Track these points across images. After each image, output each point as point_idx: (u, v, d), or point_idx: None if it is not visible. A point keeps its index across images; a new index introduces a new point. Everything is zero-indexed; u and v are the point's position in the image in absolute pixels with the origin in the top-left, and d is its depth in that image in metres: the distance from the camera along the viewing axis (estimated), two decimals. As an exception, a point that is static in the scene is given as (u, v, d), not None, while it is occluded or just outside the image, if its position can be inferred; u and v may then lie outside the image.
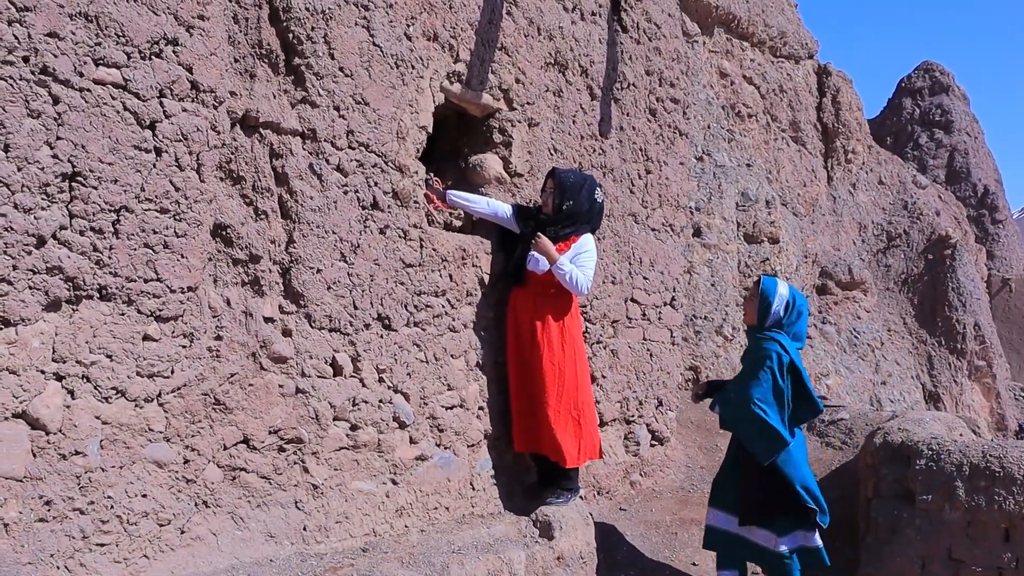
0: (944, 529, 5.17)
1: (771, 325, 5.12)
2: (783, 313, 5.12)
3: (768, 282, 5.20)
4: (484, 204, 5.39)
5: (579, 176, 5.50)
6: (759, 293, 5.18)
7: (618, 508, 6.31)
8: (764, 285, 5.18)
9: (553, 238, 5.34)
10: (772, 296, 5.13)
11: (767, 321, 5.13)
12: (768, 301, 5.13)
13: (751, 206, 11.89)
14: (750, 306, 5.28)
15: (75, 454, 3.43)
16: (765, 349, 5.00)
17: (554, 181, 5.41)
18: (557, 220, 5.36)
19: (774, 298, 5.12)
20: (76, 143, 3.38)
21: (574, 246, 5.38)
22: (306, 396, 4.35)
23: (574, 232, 5.42)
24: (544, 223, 5.39)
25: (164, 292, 3.70)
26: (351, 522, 4.54)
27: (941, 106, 28.72)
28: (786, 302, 5.13)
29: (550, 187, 5.44)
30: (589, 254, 5.45)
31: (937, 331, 16.55)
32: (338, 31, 4.43)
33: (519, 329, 5.38)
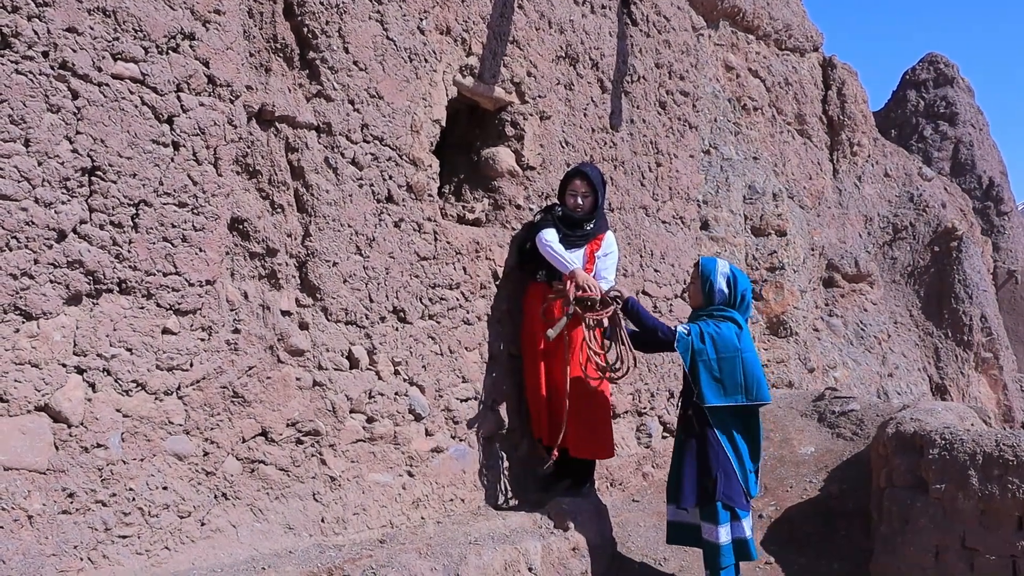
0: (958, 518, 5.15)
1: (719, 303, 5.15)
2: (727, 290, 5.14)
3: (707, 261, 5.23)
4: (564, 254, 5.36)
5: (597, 170, 5.60)
6: (699, 275, 5.20)
7: (631, 500, 6.33)
8: (704, 266, 5.20)
9: (584, 237, 5.43)
10: (712, 275, 5.14)
11: (714, 300, 5.15)
12: (710, 280, 5.14)
13: (758, 199, 11.89)
14: (693, 288, 5.32)
15: (97, 447, 3.45)
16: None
17: (586, 182, 5.43)
18: (588, 219, 5.42)
19: (715, 276, 5.13)
20: (95, 138, 3.40)
21: (603, 244, 5.50)
22: (323, 389, 4.37)
23: (599, 231, 5.52)
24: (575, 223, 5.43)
25: (183, 286, 3.72)
26: (368, 514, 4.56)
27: (946, 98, 28.61)
28: (727, 279, 5.15)
29: (583, 188, 5.44)
30: (614, 255, 5.63)
31: (944, 323, 16.55)
32: (352, 25, 4.45)
33: (536, 322, 5.38)
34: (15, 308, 3.22)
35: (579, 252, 5.44)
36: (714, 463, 4.92)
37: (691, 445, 5.03)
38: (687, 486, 4.96)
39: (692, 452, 5.01)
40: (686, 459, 5.02)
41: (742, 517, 4.98)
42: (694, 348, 4.97)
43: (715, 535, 4.90)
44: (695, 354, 4.97)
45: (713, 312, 5.12)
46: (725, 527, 4.90)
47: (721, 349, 4.96)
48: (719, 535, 4.89)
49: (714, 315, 5.10)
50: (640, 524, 5.96)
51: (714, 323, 5.03)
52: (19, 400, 3.24)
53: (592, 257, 5.45)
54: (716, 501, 4.88)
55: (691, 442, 5.04)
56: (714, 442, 4.96)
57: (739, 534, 4.96)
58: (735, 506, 4.94)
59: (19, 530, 3.21)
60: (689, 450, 5.03)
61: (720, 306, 5.12)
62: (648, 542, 5.79)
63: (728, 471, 4.94)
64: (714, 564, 4.93)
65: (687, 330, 5.04)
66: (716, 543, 4.90)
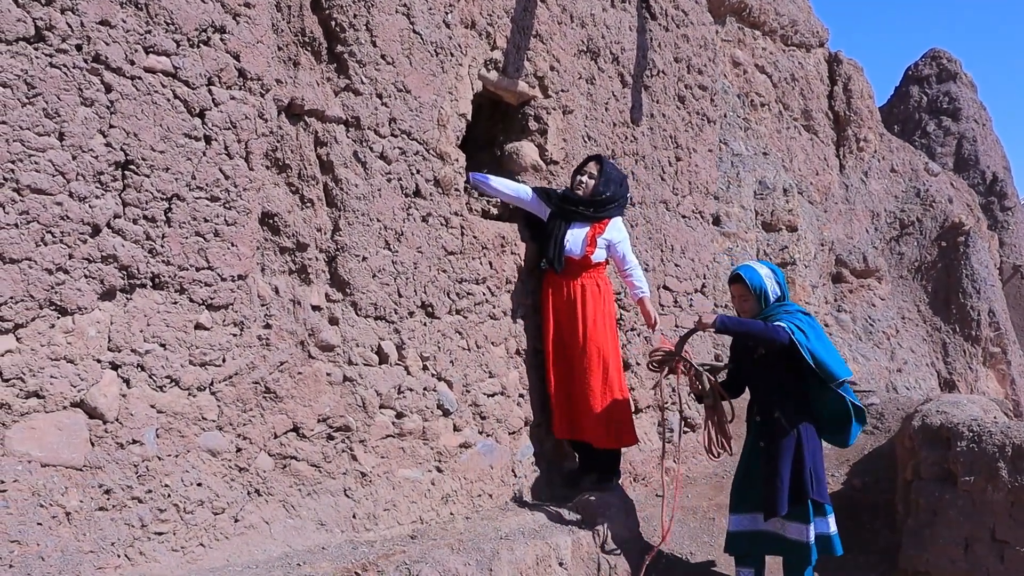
0: (987, 510, 5.14)
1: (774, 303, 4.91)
2: (778, 288, 4.93)
3: (749, 274, 4.92)
4: (505, 186, 5.40)
5: (620, 173, 5.62)
6: (750, 292, 4.89)
7: (655, 495, 6.29)
8: (751, 280, 4.89)
9: (588, 217, 5.40)
10: (762, 283, 4.89)
11: (770, 303, 4.90)
12: (763, 289, 4.88)
13: (768, 194, 11.87)
14: (748, 304, 4.96)
15: (132, 443, 3.43)
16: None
17: (600, 168, 5.44)
18: (592, 203, 5.39)
19: (764, 282, 4.90)
20: (128, 131, 3.38)
21: (607, 228, 5.48)
22: (353, 384, 4.35)
23: (607, 215, 5.50)
24: (575, 203, 5.41)
25: (215, 280, 3.70)
26: (398, 509, 4.53)
27: (949, 94, 28.57)
28: (771, 279, 4.92)
29: (593, 171, 5.45)
30: (626, 241, 5.63)
31: (951, 318, 16.51)
32: (379, 18, 4.42)
33: (558, 315, 5.39)
34: (50, 303, 3.19)
35: (583, 231, 5.43)
36: (808, 460, 4.74)
37: (782, 448, 4.78)
38: (782, 493, 4.72)
39: (787, 455, 4.77)
40: (781, 465, 4.75)
41: (828, 513, 4.85)
42: (803, 338, 4.69)
43: (805, 534, 4.76)
44: (805, 342, 4.69)
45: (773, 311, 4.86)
46: (812, 525, 4.77)
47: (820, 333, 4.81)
48: (808, 534, 4.75)
49: (780, 311, 4.84)
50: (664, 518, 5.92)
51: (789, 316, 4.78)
52: (55, 396, 3.21)
53: (593, 240, 5.43)
54: (808, 500, 4.73)
55: (781, 444, 4.78)
56: (806, 438, 4.78)
57: (823, 529, 4.83)
58: (824, 501, 4.82)
59: (57, 527, 3.19)
60: (782, 454, 4.78)
61: (775, 306, 4.89)
62: (674, 536, 5.76)
63: (819, 466, 4.82)
64: (800, 565, 4.82)
65: (783, 324, 4.71)
66: (806, 542, 4.75)
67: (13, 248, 3.06)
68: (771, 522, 4.87)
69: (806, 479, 4.70)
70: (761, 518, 4.84)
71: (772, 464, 4.78)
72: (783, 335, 4.65)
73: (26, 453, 3.13)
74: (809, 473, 4.71)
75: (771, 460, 4.79)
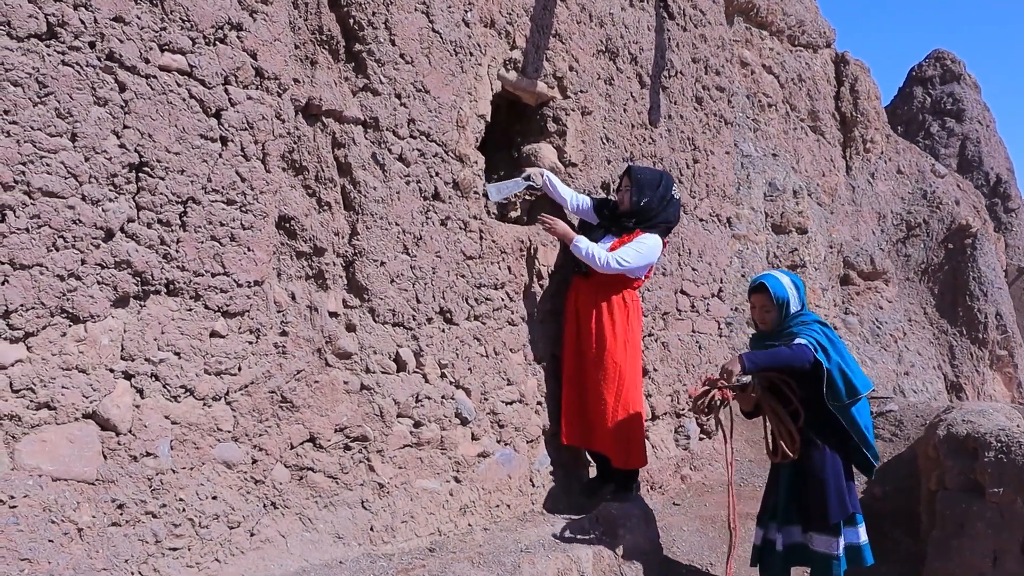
0: (1017, 522, 5.00)
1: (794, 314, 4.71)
2: (799, 300, 4.71)
3: (773, 284, 4.70)
4: (570, 194, 5.38)
5: (654, 174, 5.44)
6: (773, 303, 4.68)
7: (671, 503, 6.18)
8: (774, 290, 4.68)
9: (619, 230, 5.27)
10: (786, 294, 4.68)
11: (791, 314, 4.69)
12: (786, 300, 4.67)
13: (778, 196, 11.76)
14: (769, 316, 4.75)
15: (146, 455, 3.31)
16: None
17: (630, 179, 5.33)
18: (633, 214, 5.25)
19: (788, 293, 4.68)
20: (143, 132, 3.25)
21: (637, 238, 5.25)
22: (371, 393, 4.22)
23: (639, 227, 5.30)
24: (617, 216, 5.32)
25: (231, 287, 3.57)
26: (416, 521, 4.41)
27: (952, 95, 28.49)
28: (793, 291, 4.70)
29: (626, 184, 5.36)
30: (638, 246, 5.29)
31: (958, 321, 16.43)
32: (398, 16, 4.30)
33: (579, 322, 5.28)
34: (62, 311, 3.07)
35: (607, 240, 5.31)
36: (843, 473, 4.60)
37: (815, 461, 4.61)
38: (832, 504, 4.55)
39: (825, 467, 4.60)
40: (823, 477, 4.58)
41: (858, 522, 4.69)
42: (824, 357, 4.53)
43: (833, 546, 4.59)
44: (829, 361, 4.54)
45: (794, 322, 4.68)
46: (841, 537, 4.60)
47: (841, 346, 4.67)
48: (835, 546, 4.59)
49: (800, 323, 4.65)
50: (683, 528, 5.80)
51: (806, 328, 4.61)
52: (67, 407, 3.09)
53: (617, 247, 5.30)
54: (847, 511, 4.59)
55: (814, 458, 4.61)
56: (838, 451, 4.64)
57: (853, 540, 4.65)
58: (855, 511, 4.66)
59: (69, 544, 3.06)
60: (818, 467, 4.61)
61: (795, 315, 4.70)
62: (693, 546, 5.64)
63: (851, 478, 4.68)
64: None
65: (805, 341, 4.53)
66: (836, 555, 4.58)
67: (24, 254, 2.94)
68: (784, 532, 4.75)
69: (844, 491, 4.58)
70: (797, 531, 4.71)
71: (811, 477, 4.62)
72: (808, 354, 4.50)
73: (36, 467, 3.01)
74: (845, 485, 4.60)
75: (809, 473, 4.63)
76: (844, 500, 4.59)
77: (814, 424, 4.62)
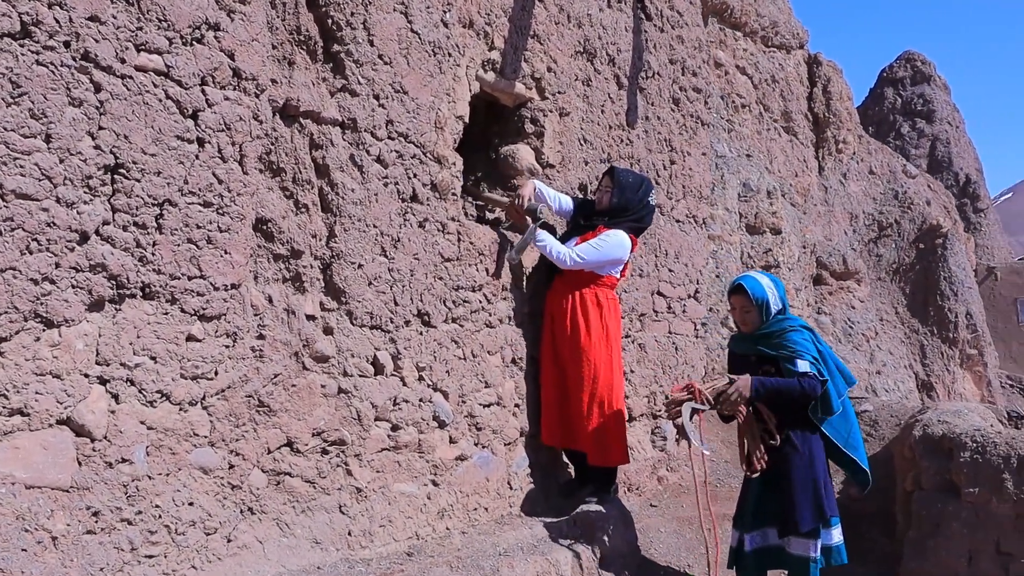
0: (992, 522, 5.06)
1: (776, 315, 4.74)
2: (780, 301, 4.74)
3: (751, 285, 4.73)
4: (554, 196, 5.37)
5: (637, 178, 5.45)
6: (752, 303, 4.71)
7: (648, 504, 6.18)
8: (752, 291, 4.70)
9: (584, 228, 5.28)
10: (765, 294, 4.70)
11: (771, 315, 4.71)
12: (765, 301, 4.69)
13: (752, 196, 11.80)
14: (749, 316, 4.77)
15: (121, 462, 3.25)
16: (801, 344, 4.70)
17: (612, 180, 5.32)
18: (607, 213, 5.25)
19: (767, 294, 4.70)
20: (119, 133, 3.20)
21: (600, 234, 5.26)
22: (348, 396, 4.19)
23: (604, 223, 5.30)
24: (593, 216, 5.32)
25: (208, 290, 3.53)
26: (394, 526, 4.38)
27: (923, 96, 28.83)
28: (772, 291, 4.72)
29: (607, 185, 5.36)
30: (601, 242, 5.27)
31: (929, 320, 16.56)
32: (377, 17, 4.26)
33: (555, 322, 5.26)
34: (35, 315, 3.01)
35: (573, 240, 5.33)
36: (821, 476, 4.62)
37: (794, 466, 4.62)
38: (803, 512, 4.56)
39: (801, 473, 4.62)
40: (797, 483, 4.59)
41: (833, 524, 4.70)
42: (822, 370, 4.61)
43: (810, 549, 4.60)
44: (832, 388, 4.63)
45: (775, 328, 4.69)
46: (818, 540, 4.62)
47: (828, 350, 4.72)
48: (812, 548, 4.60)
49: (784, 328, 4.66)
50: (661, 530, 5.81)
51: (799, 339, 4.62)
52: (40, 413, 3.03)
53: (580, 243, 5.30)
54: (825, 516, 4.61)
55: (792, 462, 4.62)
56: (817, 454, 4.65)
57: (827, 541, 4.67)
58: (833, 514, 4.68)
59: (43, 553, 3.01)
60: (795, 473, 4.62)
61: (777, 318, 4.72)
62: (670, 548, 5.65)
63: (828, 479, 4.69)
64: None
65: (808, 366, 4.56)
66: (813, 557, 4.60)
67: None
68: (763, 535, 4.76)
69: (822, 497, 4.59)
70: (774, 533, 4.71)
71: (787, 482, 4.62)
72: (818, 387, 4.55)
73: (10, 474, 2.94)
74: (823, 489, 4.60)
75: (785, 478, 4.63)
76: (821, 505, 4.59)
77: (795, 425, 4.63)
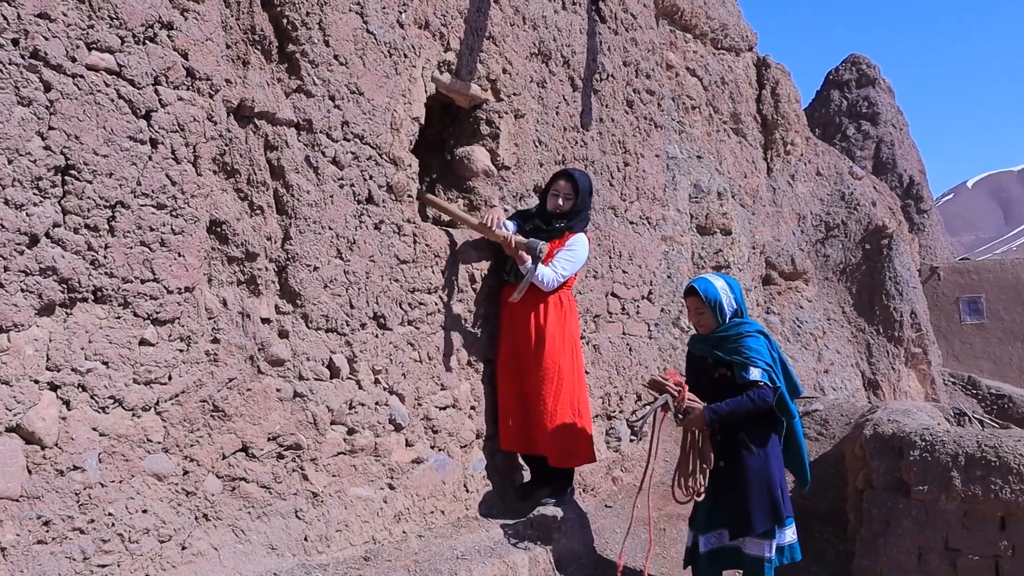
0: (940, 519, 5.16)
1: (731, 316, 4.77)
2: (734, 302, 4.77)
3: (705, 287, 4.76)
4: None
5: (587, 178, 5.46)
6: (705, 305, 4.73)
7: (604, 505, 6.20)
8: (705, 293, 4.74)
9: (548, 235, 5.23)
10: (718, 295, 4.74)
11: (727, 317, 4.75)
12: (718, 302, 4.73)
13: (703, 198, 11.88)
14: (703, 318, 4.80)
15: (73, 469, 3.19)
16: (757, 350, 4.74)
17: (571, 184, 5.29)
18: (563, 216, 5.24)
19: (720, 295, 4.74)
20: (69, 134, 3.13)
21: (567, 243, 5.27)
22: (304, 400, 4.14)
23: (568, 229, 5.31)
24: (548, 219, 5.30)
25: (161, 293, 3.47)
26: (351, 530, 4.35)
27: (868, 98, 29.29)
28: (726, 292, 4.76)
29: (566, 191, 5.30)
30: (573, 252, 5.34)
31: (875, 319, 16.80)
32: (332, 17, 4.22)
33: (515, 325, 5.24)
34: (-17, 320, 2.94)
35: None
36: (776, 478, 4.64)
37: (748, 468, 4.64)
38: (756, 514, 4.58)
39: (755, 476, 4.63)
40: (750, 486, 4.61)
41: (788, 524, 4.74)
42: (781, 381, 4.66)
43: (765, 549, 4.64)
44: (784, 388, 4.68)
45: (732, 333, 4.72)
46: (773, 541, 4.65)
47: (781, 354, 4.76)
48: (767, 549, 4.64)
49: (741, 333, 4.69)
50: (616, 530, 5.82)
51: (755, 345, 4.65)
52: (-11, 421, 2.96)
53: (551, 255, 5.27)
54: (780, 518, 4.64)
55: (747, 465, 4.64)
56: (772, 456, 4.68)
57: (781, 540, 4.70)
58: (787, 515, 4.71)
59: (-8, 563, 2.94)
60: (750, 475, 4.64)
61: (734, 321, 4.75)
62: (626, 549, 5.65)
63: (783, 481, 4.71)
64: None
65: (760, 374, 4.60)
66: (768, 557, 4.64)
67: (-56, 261, 2.81)
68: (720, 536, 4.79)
69: (777, 499, 4.62)
70: (727, 535, 4.74)
71: (740, 485, 4.64)
72: (769, 396, 4.60)
73: (-43, 484, 2.88)
74: (779, 491, 4.64)
75: (739, 481, 4.65)
76: (776, 507, 4.62)
77: (751, 428, 4.66)
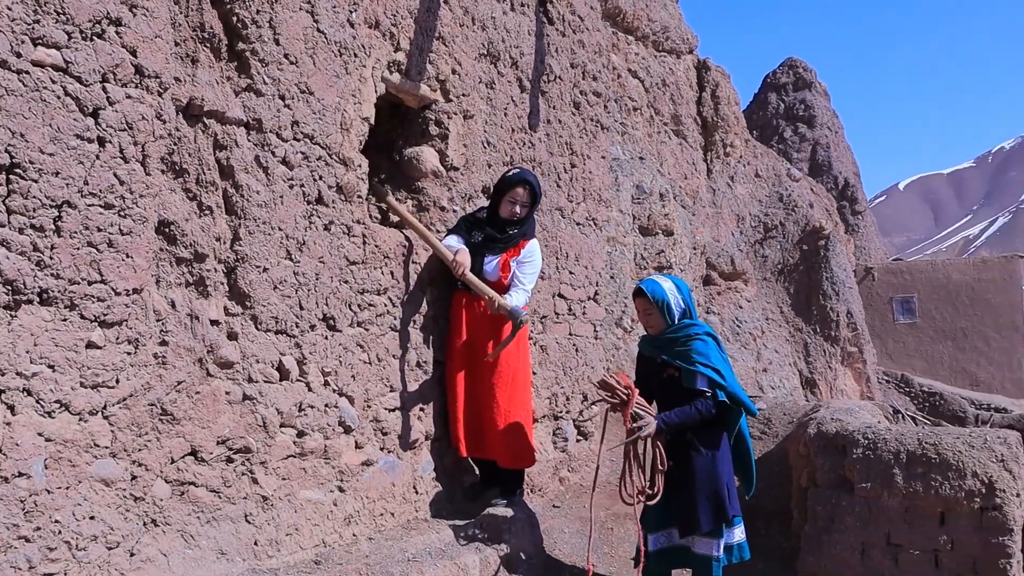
0: (883, 515, 5.26)
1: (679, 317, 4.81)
2: (682, 303, 4.81)
3: (652, 288, 4.80)
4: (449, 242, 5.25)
5: (537, 180, 5.43)
6: (653, 305, 4.77)
7: (551, 505, 6.21)
8: (653, 294, 4.77)
9: (504, 244, 5.26)
10: (665, 295, 4.77)
11: (675, 318, 4.78)
12: (666, 302, 4.76)
13: (646, 199, 11.96)
14: (652, 319, 4.84)
15: (18, 475, 3.11)
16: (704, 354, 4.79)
17: (529, 191, 5.26)
18: (516, 223, 5.24)
19: (667, 296, 4.77)
20: (14, 131, 3.06)
21: (524, 251, 5.31)
22: (253, 403, 4.10)
23: (522, 237, 5.34)
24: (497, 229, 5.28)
25: (108, 295, 3.40)
26: (301, 533, 4.30)
27: (804, 101, 29.76)
28: (674, 293, 4.79)
29: (523, 198, 5.26)
30: (533, 264, 5.40)
31: (812, 319, 17.08)
32: (283, 15, 4.18)
33: (470, 331, 5.22)
34: (-75, 323, 2.86)
35: (495, 259, 5.29)
36: (724, 478, 4.68)
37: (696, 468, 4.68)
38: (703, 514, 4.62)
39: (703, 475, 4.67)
40: (698, 485, 4.64)
41: (736, 524, 4.78)
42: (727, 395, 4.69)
43: (713, 548, 4.67)
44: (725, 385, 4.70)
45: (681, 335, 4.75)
46: (722, 540, 4.68)
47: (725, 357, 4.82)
48: (716, 548, 4.67)
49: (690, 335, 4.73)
50: (564, 530, 5.84)
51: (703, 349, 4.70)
52: (-70, 426, 2.88)
53: (507, 264, 5.28)
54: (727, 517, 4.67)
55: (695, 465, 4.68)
56: (721, 457, 4.72)
57: (730, 540, 4.74)
58: (735, 515, 4.74)
59: (-66, 572, 2.86)
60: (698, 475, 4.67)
61: (683, 323, 4.78)
62: (574, 548, 5.68)
63: (732, 481, 4.75)
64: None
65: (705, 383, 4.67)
66: (717, 556, 4.67)
67: None
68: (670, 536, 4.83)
69: (724, 499, 4.66)
70: (676, 534, 4.78)
71: (688, 484, 4.67)
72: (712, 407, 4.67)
73: (-102, 491, 2.80)
74: (726, 491, 4.68)
75: (687, 480, 4.69)
76: (723, 507, 4.65)
77: (701, 430, 4.70)
